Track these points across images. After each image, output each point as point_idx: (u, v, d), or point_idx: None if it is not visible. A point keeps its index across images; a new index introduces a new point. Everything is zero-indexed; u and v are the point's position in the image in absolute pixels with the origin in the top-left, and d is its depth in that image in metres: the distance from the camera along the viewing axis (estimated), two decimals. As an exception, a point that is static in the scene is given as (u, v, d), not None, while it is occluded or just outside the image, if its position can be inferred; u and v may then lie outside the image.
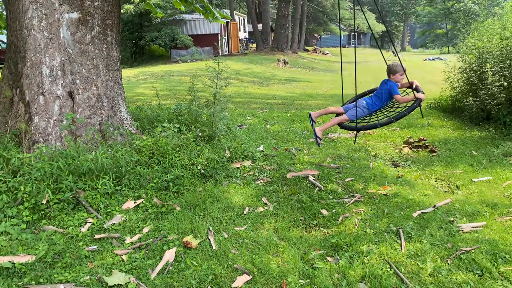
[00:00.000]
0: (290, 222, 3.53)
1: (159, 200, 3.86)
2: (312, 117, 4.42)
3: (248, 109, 9.33)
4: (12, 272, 2.70)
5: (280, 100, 10.99)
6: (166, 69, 19.18)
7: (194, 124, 5.51)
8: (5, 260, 2.77)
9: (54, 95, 4.41)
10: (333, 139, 6.25)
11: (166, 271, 2.76)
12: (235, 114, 8.32)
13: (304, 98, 11.47)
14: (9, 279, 2.65)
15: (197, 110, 5.80)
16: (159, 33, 24.36)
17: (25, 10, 4.34)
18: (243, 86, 14.44)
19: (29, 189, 3.52)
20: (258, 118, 8.04)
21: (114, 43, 4.92)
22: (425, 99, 4.90)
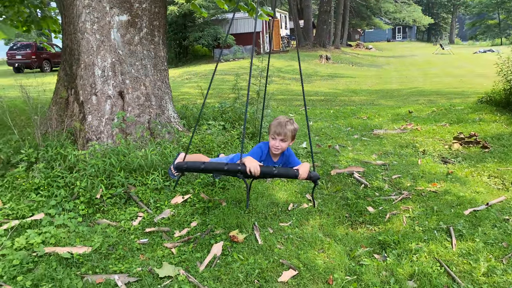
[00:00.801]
0: (335, 219, 3.51)
1: (206, 195, 3.95)
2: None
3: (290, 106, 9.32)
4: (71, 262, 2.86)
5: (323, 97, 10.90)
6: (209, 69, 19.50)
7: (237, 122, 5.59)
8: (64, 250, 2.95)
9: (105, 95, 4.62)
10: (378, 135, 6.12)
11: (213, 264, 2.83)
12: (277, 111, 8.33)
13: (347, 94, 11.30)
14: (68, 268, 2.81)
15: (241, 108, 5.88)
16: (202, 33, 24.79)
17: (79, 14, 4.57)
18: (285, 84, 14.43)
19: (84, 184, 3.72)
20: (300, 115, 8.02)
21: (161, 43, 5.08)
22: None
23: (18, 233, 3.21)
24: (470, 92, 10.63)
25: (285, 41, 33.39)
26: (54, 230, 3.22)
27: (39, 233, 3.17)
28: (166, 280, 2.67)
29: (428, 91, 11.45)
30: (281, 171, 2.67)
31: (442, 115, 7.41)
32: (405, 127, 6.58)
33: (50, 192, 3.67)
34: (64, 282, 2.62)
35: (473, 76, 15.45)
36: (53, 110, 4.85)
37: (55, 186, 3.72)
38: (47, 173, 3.83)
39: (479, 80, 13.89)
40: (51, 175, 3.82)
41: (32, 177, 3.79)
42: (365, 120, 7.34)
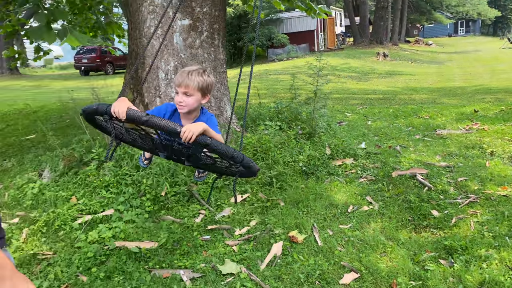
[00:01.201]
0: (398, 222, 3.42)
1: (264, 195, 4.00)
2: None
3: (347, 105, 9.17)
4: (139, 256, 3.03)
5: (381, 95, 10.61)
6: (263, 69, 19.63)
7: (294, 122, 5.60)
8: (133, 245, 3.12)
9: (168, 97, 4.81)
10: (442, 135, 5.87)
11: (274, 264, 2.87)
12: (333, 110, 8.23)
13: (407, 92, 10.92)
14: (137, 262, 2.97)
15: (297, 108, 5.87)
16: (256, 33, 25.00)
17: (144, 20, 4.80)
18: (341, 82, 14.20)
19: (150, 182, 3.91)
20: (358, 114, 7.86)
21: (220, 46, 5.20)
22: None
23: (91, 227, 3.43)
24: (544, 89, 9.88)
25: (340, 38, 32.84)
26: (123, 225, 3.41)
27: (109, 228, 3.38)
28: (229, 277, 2.74)
29: (495, 88, 10.78)
30: (156, 120, 1.77)
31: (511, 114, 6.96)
32: (470, 127, 6.25)
33: (119, 189, 3.89)
34: (134, 275, 2.77)
35: (547, 71, 14.33)
36: (120, 111, 5.13)
37: (123, 184, 3.94)
38: (116, 171, 4.06)
39: (554, 75, 12.86)
40: (119, 173, 4.05)
41: (103, 175, 4.04)
42: (427, 119, 7.06)
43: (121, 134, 2.15)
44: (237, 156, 1.92)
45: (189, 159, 2.12)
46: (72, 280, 2.78)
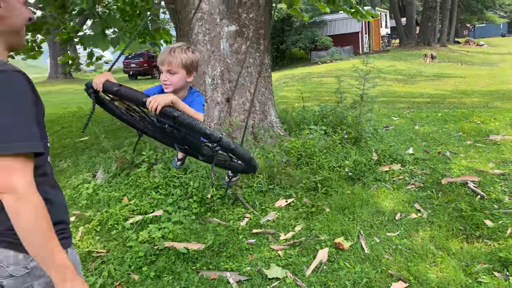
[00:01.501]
0: (448, 231, 3.31)
1: (309, 200, 4.00)
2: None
3: (393, 109, 8.95)
4: (187, 257, 3.11)
5: (429, 99, 10.27)
6: (306, 71, 19.52)
7: (339, 126, 5.54)
8: (181, 246, 3.21)
9: (214, 101, 4.92)
10: (495, 141, 5.61)
11: (320, 270, 2.86)
12: (379, 114, 8.07)
13: (457, 96, 10.50)
14: (185, 263, 3.06)
15: (343, 112, 5.82)
16: (299, 36, 24.93)
17: (192, 27, 4.93)
18: (386, 85, 13.87)
19: (196, 185, 4.01)
20: (405, 118, 7.66)
21: (265, 51, 5.25)
22: None
23: (141, 227, 3.57)
24: None
25: (385, 40, 32.08)
26: (171, 226, 3.53)
27: (159, 228, 3.50)
28: (274, 281, 2.77)
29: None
30: (126, 90, 1.74)
31: None
32: (527, 133, 5.94)
33: (167, 191, 4.02)
34: (182, 275, 2.86)
35: None
36: (168, 115, 5.30)
37: (171, 186, 4.07)
38: (165, 174, 4.20)
39: None
40: (168, 175, 4.18)
41: (153, 176, 4.19)
42: (478, 124, 6.76)
43: (121, 114, 2.15)
44: (211, 133, 1.75)
45: (187, 145, 2.05)
46: (124, 278, 2.91)
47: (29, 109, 1.15)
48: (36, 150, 1.13)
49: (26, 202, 1.09)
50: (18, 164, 1.09)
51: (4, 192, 1.08)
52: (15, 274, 1.18)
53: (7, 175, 1.08)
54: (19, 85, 1.14)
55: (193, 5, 4.85)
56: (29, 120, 1.14)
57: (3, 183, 1.08)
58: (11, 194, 1.08)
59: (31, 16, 1.31)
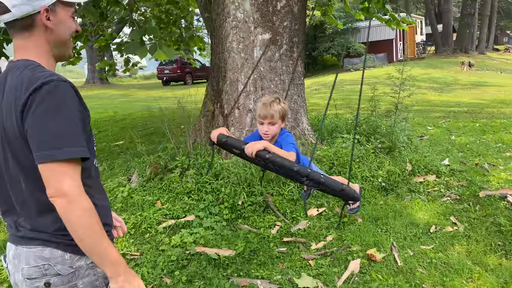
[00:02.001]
0: (486, 246, 3.20)
1: (340, 209, 3.95)
2: None
3: (428, 118, 8.74)
4: (218, 262, 3.14)
5: (466, 108, 9.97)
6: (339, 78, 19.35)
7: (373, 135, 5.46)
8: (212, 251, 3.25)
9: (246, 108, 4.96)
10: (537, 154, 5.39)
11: (351, 281, 2.83)
12: (414, 123, 7.89)
13: (496, 105, 10.14)
14: (216, 269, 3.09)
15: (376, 120, 5.73)
16: (332, 43, 24.80)
17: (227, 35, 5.00)
18: (421, 93, 13.56)
19: (228, 191, 4.04)
20: (440, 128, 7.47)
21: (299, 59, 5.26)
22: None
23: (174, 232, 3.64)
24: None
25: (421, 47, 31.42)
26: (203, 231, 3.57)
27: (191, 233, 3.55)
28: (305, 291, 2.75)
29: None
30: (231, 140, 2.39)
31: None
32: None
33: (199, 196, 4.08)
34: (213, 281, 2.89)
35: None
36: (202, 121, 5.38)
37: (203, 191, 4.12)
38: (197, 179, 4.26)
39: None
40: (200, 181, 4.24)
41: (186, 182, 4.26)
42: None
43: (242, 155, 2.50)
44: (298, 170, 2.13)
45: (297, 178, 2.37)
46: (157, 282, 2.96)
47: (76, 116, 1.21)
48: (83, 155, 1.20)
49: (78, 205, 1.16)
50: (68, 169, 1.16)
51: (57, 196, 1.15)
52: (61, 272, 1.25)
53: (58, 180, 1.15)
54: (67, 94, 1.21)
55: (228, 14, 4.93)
56: (76, 127, 1.20)
57: (55, 187, 1.15)
58: (63, 198, 1.15)
59: (78, 28, 1.38)
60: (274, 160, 2.16)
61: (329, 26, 24.80)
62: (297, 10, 5.03)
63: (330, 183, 2.25)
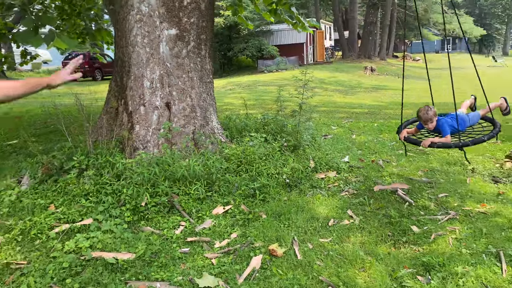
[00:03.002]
0: (378, 237, 3.43)
1: (246, 207, 3.98)
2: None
3: (333, 118, 9.23)
4: (116, 267, 2.97)
5: (367, 109, 10.72)
6: (253, 79, 19.70)
7: (279, 134, 5.61)
8: (110, 256, 3.07)
9: (153, 105, 4.79)
10: (424, 151, 5.94)
11: (252, 278, 2.84)
12: (319, 123, 8.28)
13: (392, 107, 11.04)
14: (113, 273, 2.92)
15: (283, 120, 5.90)
16: (246, 44, 25.16)
17: (131, 29, 4.78)
18: (328, 95, 14.32)
19: (130, 192, 3.86)
20: (343, 128, 7.92)
21: (207, 56, 5.21)
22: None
23: (68, 237, 3.37)
24: (525, 107, 10.08)
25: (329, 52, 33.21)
26: (101, 235, 3.36)
27: (87, 238, 3.32)
28: (206, 290, 2.71)
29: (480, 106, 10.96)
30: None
31: (493, 131, 7.07)
32: (453, 143, 6.34)
33: (98, 199, 3.84)
34: (109, 287, 2.72)
35: (529, 90, 14.64)
36: (104, 119, 5.09)
37: (103, 193, 3.89)
38: (97, 180, 4.01)
39: (536, 94, 13.16)
40: (99, 182, 4.00)
41: (83, 183, 3.98)
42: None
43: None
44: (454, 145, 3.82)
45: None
46: (45, 291, 2.72)
47: None
48: None
49: None
50: None
51: None
52: None
53: None
54: None
55: (132, 6, 4.72)
56: None
57: None
58: None
59: None
60: (438, 146, 3.88)
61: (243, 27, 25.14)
62: (204, 7, 4.98)
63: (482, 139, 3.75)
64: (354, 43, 31.20)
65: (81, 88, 13.50)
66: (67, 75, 1.97)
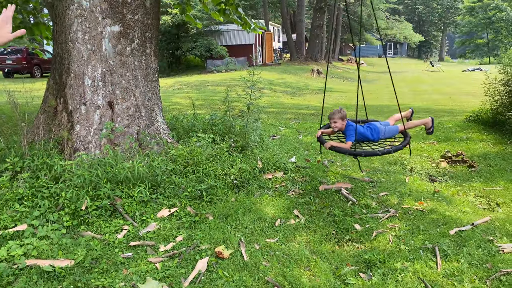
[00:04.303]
0: (322, 235, 3.50)
1: (193, 209, 3.92)
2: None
3: (281, 119, 9.34)
4: (52, 275, 2.81)
5: (313, 111, 10.95)
6: (201, 79, 19.52)
7: (227, 135, 5.58)
8: (46, 263, 2.89)
9: (95, 105, 4.59)
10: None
11: (198, 281, 2.80)
12: (267, 124, 8.35)
13: (338, 109, 11.36)
14: (49, 282, 2.76)
15: (231, 120, 5.88)
16: (195, 43, 24.89)
17: (70, 24, 4.56)
18: (276, 96, 14.48)
19: (69, 195, 3.67)
20: (290, 128, 8.04)
21: (152, 55, 5.08)
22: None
23: (0, 244, 3.14)
24: (458, 110, 10.77)
25: (277, 54, 33.65)
26: (36, 241, 3.17)
27: (21, 245, 3.12)
28: (149, 296, 2.62)
29: (417, 108, 11.56)
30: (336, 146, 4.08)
31: (430, 132, 7.48)
32: (393, 144, 6.63)
33: (34, 203, 3.61)
34: (44, 297, 2.56)
35: (462, 94, 15.68)
36: (41, 118, 4.80)
37: (39, 197, 3.67)
38: (32, 183, 3.78)
39: (467, 98, 14.09)
40: (35, 185, 3.77)
41: (16, 186, 3.73)
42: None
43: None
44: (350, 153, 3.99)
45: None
46: (-29, 305, 2.51)
47: None
48: None
49: None
50: None
51: None
52: None
53: None
54: None
55: (71, 1, 4.49)
56: None
57: None
58: None
59: None
60: (334, 150, 4.01)
61: (191, 26, 24.86)
62: (150, 5, 4.85)
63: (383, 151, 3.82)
64: (301, 46, 31.84)
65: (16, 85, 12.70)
66: (10, 34, 1.84)
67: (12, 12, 1.85)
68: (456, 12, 64.89)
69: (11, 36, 1.83)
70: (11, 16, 1.84)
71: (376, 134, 4.32)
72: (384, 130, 4.36)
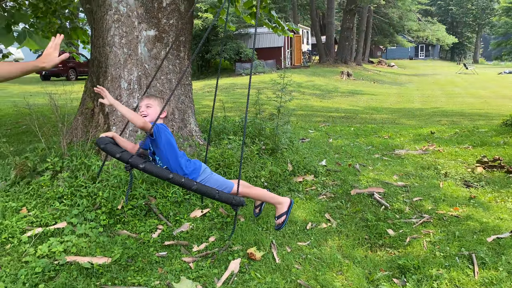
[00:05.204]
0: (355, 240, 3.48)
1: (224, 210, 3.97)
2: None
3: (310, 122, 9.31)
4: (91, 272, 2.91)
5: (343, 114, 10.86)
6: (230, 82, 19.69)
7: (257, 137, 5.62)
8: (85, 260, 3.00)
9: (130, 107, 4.71)
10: (400, 155, 6.06)
11: (231, 281, 2.83)
12: (296, 127, 8.34)
13: (368, 112, 11.23)
14: (88, 278, 2.85)
15: (261, 123, 5.91)
16: (224, 46, 25.12)
17: (108, 29, 4.71)
18: (305, 99, 14.44)
19: (106, 195, 3.79)
20: (320, 131, 8.00)
21: (186, 58, 5.18)
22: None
23: (41, 241, 3.28)
24: (494, 114, 10.44)
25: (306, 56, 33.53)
26: (75, 239, 3.28)
27: (61, 242, 3.24)
28: (184, 295, 2.68)
29: (450, 111, 11.30)
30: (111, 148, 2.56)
31: (465, 137, 7.30)
32: (427, 148, 6.50)
33: (73, 201, 3.75)
34: (84, 292, 2.66)
35: (498, 97, 15.19)
36: (79, 120, 4.98)
37: (78, 196, 3.80)
38: (71, 183, 3.92)
39: (504, 102, 13.64)
40: (74, 185, 3.90)
41: (57, 185, 3.88)
42: (386, 139, 7.28)
43: None
44: (173, 178, 2.46)
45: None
46: (16, 297, 2.63)
47: None
48: None
49: None
50: None
51: None
52: None
53: None
54: None
55: (109, 6, 4.64)
56: None
57: None
58: None
59: None
60: (151, 171, 2.45)
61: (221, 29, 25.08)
62: (184, 9, 4.95)
63: (203, 190, 2.55)
64: (331, 48, 31.62)
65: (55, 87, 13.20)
66: (57, 58, 2.09)
67: (60, 41, 2.10)
68: (492, 13, 62.81)
69: (57, 60, 2.09)
70: (59, 44, 2.09)
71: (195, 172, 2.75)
72: (207, 173, 2.83)
